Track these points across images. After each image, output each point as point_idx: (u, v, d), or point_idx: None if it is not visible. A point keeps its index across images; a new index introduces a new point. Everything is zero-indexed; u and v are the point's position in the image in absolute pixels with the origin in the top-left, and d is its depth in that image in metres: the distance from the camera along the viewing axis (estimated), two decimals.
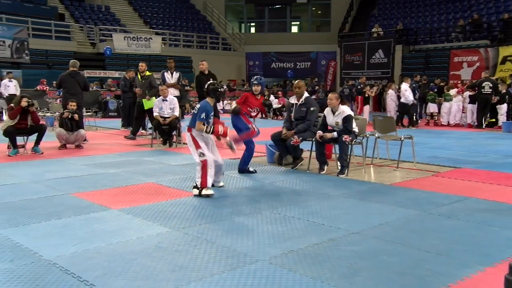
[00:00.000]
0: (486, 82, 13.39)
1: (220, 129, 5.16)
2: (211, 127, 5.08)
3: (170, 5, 29.80)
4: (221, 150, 5.75)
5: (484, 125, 13.66)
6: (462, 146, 9.47)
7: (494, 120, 13.75)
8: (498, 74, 18.49)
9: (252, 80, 6.74)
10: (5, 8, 21.26)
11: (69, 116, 8.66)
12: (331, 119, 6.47)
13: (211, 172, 5.01)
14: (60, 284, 2.81)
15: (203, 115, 5.03)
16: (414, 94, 14.89)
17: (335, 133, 6.33)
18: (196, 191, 5.04)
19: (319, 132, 6.43)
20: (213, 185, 5.22)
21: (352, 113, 6.50)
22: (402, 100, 13.77)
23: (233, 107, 6.40)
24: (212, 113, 5.14)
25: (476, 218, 4.24)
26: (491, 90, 13.26)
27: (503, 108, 13.60)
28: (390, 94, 15.11)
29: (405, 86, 13.74)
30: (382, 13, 28.14)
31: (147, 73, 10.56)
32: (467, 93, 14.39)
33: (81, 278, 2.88)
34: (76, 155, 8.03)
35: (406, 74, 22.13)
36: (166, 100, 9.18)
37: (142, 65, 10.61)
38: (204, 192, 4.99)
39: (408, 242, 3.59)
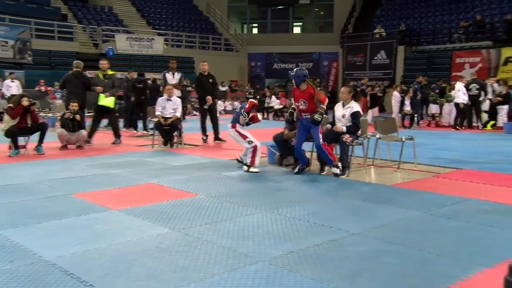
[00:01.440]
0: (473, 84, 13.75)
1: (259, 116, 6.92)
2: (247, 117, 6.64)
3: (173, 5, 29.83)
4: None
5: (481, 126, 13.67)
6: (465, 147, 9.44)
7: (494, 122, 13.75)
8: (500, 75, 18.41)
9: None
10: (9, 9, 21.29)
11: (71, 117, 8.67)
12: (340, 111, 6.50)
13: (259, 154, 6.53)
14: (59, 285, 2.81)
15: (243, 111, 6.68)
16: (416, 95, 14.89)
17: (344, 128, 6.35)
18: (245, 168, 6.57)
19: (328, 126, 6.50)
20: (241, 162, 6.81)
21: (361, 111, 6.54)
22: (456, 100, 13.58)
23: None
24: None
25: (478, 220, 4.23)
26: (478, 91, 13.48)
27: (503, 109, 13.64)
28: (395, 95, 15.08)
29: (459, 86, 13.60)
30: (385, 14, 28.10)
31: (110, 72, 9.75)
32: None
33: (81, 279, 2.88)
34: (77, 155, 8.04)
35: (408, 75, 22.21)
36: (170, 100, 9.15)
37: (104, 63, 9.71)
38: (251, 169, 6.46)
39: (410, 243, 3.58)
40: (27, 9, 22.22)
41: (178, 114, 9.15)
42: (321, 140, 6.13)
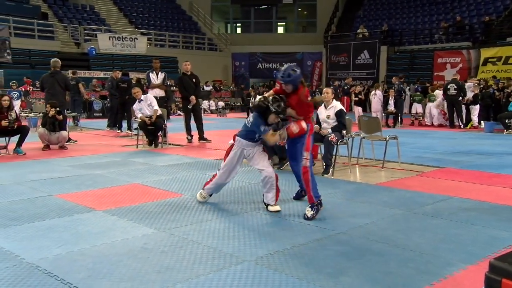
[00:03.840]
0: (451, 84, 13.96)
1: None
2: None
3: (156, 5, 29.62)
4: None
5: (462, 125, 13.90)
6: (446, 146, 9.58)
7: (471, 122, 14.03)
8: (480, 75, 18.77)
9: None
10: None
11: (54, 113, 8.50)
12: (324, 113, 6.54)
13: (214, 183, 4.61)
14: (43, 287, 2.77)
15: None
16: (401, 95, 15.05)
17: (329, 130, 6.39)
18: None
19: (316, 126, 6.49)
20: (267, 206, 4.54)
21: (344, 109, 6.60)
22: None
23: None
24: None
25: (460, 217, 4.30)
26: (456, 91, 13.66)
27: (475, 109, 13.94)
28: (378, 95, 15.22)
29: None
30: (367, 14, 28.36)
31: None
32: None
33: (65, 281, 2.85)
34: (60, 156, 7.93)
35: (391, 74, 22.48)
36: (142, 100, 9.10)
37: None
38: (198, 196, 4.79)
39: (394, 242, 3.62)
40: (5, 7, 21.77)
41: (156, 107, 9.08)
42: (304, 158, 4.36)
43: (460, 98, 13.72)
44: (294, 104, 4.35)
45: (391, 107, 14.57)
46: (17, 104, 14.81)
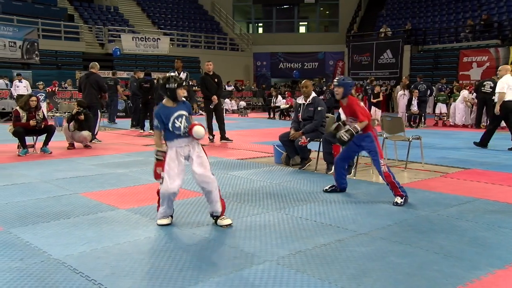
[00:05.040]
0: (488, 82, 13.18)
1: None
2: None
3: (178, 5, 29.92)
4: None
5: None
6: (472, 147, 9.39)
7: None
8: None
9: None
10: (16, 10, 21.46)
11: (78, 113, 8.65)
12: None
13: (163, 205, 3.96)
14: (68, 283, 2.83)
15: (156, 123, 4.08)
16: (427, 95, 14.78)
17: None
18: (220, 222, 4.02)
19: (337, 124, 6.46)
20: (214, 219, 4.01)
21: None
22: None
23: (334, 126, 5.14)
24: (173, 116, 4.12)
25: (486, 220, 4.20)
26: (491, 89, 13.06)
27: None
28: (407, 95, 15.01)
29: None
30: (390, 13, 28.02)
31: None
32: (475, 94, 14.30)
33: (89, 278, 2.90)
34: (84, 155, 8.08)
35: (414, 74, 22.15)
36: None
37: None
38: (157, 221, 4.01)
39: (417, 243, 3.56)
40: (34, 10, 22.38)
41: None
42: (382, 165, 4.82)
43: (494, 97, 13.27)
44: (348, 112, 5.00)
45: (414, 107, 14.35)
46: (43, 105, 15.13)
